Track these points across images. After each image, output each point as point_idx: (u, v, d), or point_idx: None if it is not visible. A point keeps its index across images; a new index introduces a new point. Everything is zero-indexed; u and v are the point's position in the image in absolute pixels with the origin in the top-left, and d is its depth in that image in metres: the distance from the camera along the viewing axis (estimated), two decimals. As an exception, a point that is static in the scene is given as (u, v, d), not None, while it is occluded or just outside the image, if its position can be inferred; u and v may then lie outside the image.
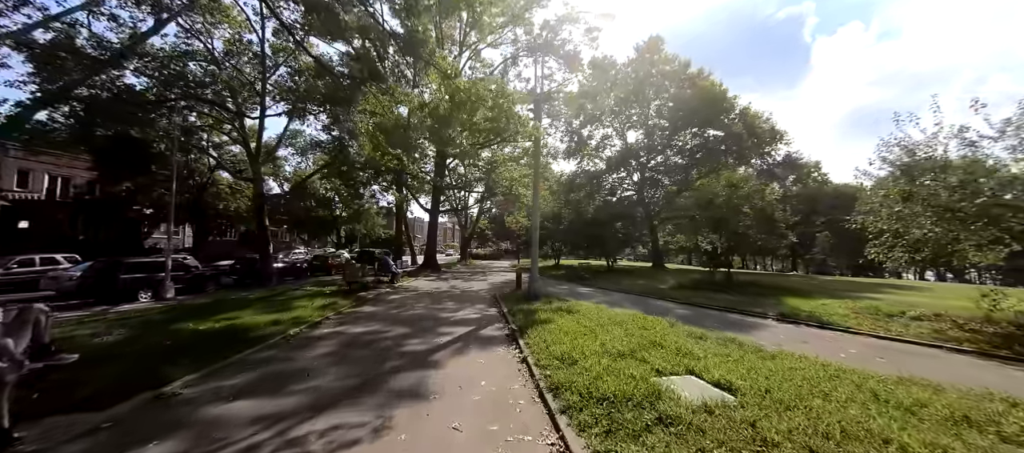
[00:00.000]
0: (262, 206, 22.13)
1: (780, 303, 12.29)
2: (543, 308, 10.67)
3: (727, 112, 30.20)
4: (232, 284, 22.58)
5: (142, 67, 17.16)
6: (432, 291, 15.67)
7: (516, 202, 34.35)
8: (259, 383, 5.28)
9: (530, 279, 13.14)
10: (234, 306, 11.22)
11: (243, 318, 9.22)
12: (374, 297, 13.50)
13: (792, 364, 5.69)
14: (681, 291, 15.15)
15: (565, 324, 8.44)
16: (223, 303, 12.22)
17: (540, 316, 9.35)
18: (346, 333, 8.27)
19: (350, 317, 10.01)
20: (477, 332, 8.52)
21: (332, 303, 11.54)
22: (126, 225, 29.77)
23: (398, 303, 12.38)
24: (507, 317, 9.99)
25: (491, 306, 12.15)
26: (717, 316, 10.73)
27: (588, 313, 9.91)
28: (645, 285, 17.69)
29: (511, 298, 13.02)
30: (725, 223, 15.67)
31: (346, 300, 12.21)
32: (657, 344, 6.69)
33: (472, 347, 7.29)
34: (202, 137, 28.13)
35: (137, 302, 14.86)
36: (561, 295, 14.28)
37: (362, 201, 36.27)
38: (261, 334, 7.81)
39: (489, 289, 16.66)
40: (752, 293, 14.65)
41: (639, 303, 13.12)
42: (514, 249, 57.10)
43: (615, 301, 13.51)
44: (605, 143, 36.23)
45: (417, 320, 9.71)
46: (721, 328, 8.98)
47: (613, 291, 16.38)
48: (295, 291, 14.71)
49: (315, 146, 19.92)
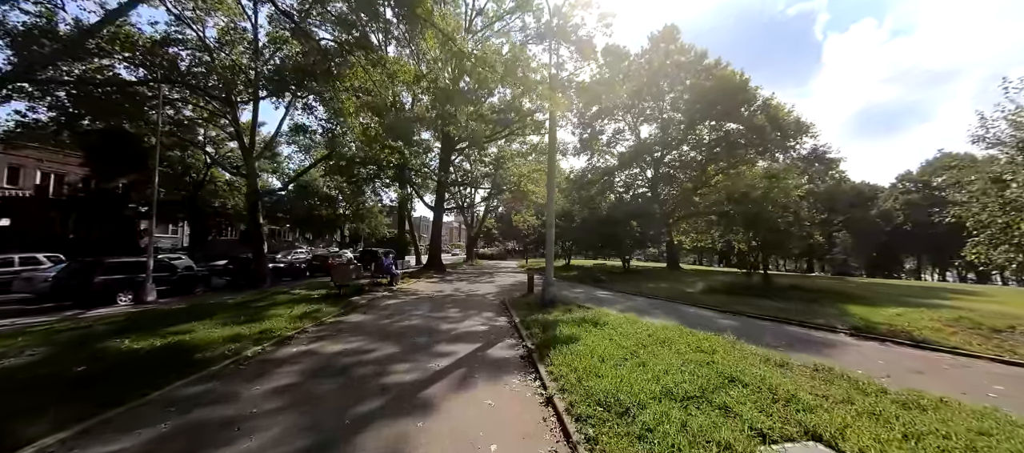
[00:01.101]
0: (256, 203, 20.47)
1: (842, 312, 10.25)
2: (562, 318, 8.77)
3: (748, 103, 28.00)
4: (224, 285, 20.98)
5: (130, 56, 15.50)
6: (434, 295, 13.84)
7: (524, 200, 32.49)
8: (153, 451, 3.45)
9: (545, 282, 11.24)
10: (201, 314, 9.47)
11: (200, 331, 7.44)
12: (367, 303, 11.69)
13: (961, 421, 3.72)
14: (714, 296, 13.15)
15: (596, 342, 6.53)
16: (194, 309, 10.50)
17: (562, 330, 7.44)
18: (318, 353, 6.44)
19: (331, 330, 8.19)
20: (484, 352, 6.64)
21: (315, 310, 9.74)
22: (121, 224, 28.37)
23: (393, 310, 10.55)
24: (520, 330, 8.10)
25: (500, 314, 10.27)
26: (774, 329, 8.73)
27: (619, 326, 7.99)
28: (669, 289, 15.69)
29: (523, 305, 11.13)
30: (762, 219, 13.65)
31: (334, 306, 10.41)
32: (733, 379, 4.75)
33: (478, 376, 5.41)
34: (199, 132, 26.68)
35: (115, 305, 13.44)
36: (579, 300, 12.37)
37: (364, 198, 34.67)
38: (208, 355, 6.00)
39: (497, 293, 14.79)
40: (797, 298, 12.61)
41: (671, 311, 11.15)
42: (521, 249, 55.19)
43: (642, 308, 11.55)
44: (617, 138, 34.21)
45: (411, 334, 7.85)
46: (790, 347, 7.01)
47: (635, 295, 14.42)
48: (282, 295, 12.96)
49: (299, 130, 18.07)
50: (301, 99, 12.82)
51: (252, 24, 18.08)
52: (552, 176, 11.59)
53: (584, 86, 22.87)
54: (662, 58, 31.62)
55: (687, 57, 31.86)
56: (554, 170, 11.63)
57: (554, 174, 11.64)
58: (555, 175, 11.67)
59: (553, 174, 11.60)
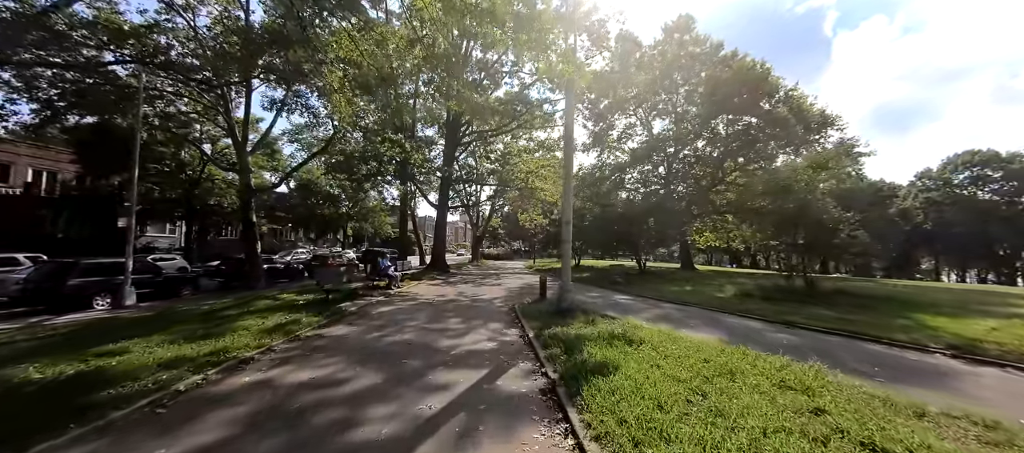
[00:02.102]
0: (249, 200, 19.04)
1: (919, 324, 8.48)
2: (586, 332, 7.10)
3: (770, 94, 26.08)
4: (216, 287, 19.57)
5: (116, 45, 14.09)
6: (435, 300, 12.22)
7: (531, 198, 30.78)
8: None
9: (561, 287, 9.56)
10: (163, 324, 7.97)
11: (136, 351, 5.87)
12: (357, 310, 10.08)
13: None
14: (753, 303, 11.38)
15: (640, 371, 4.86)
16: (160, 318, 9.06)
17: (591, 350, 5.77)
18: (275, 386, 4.83)
19: (303, 348, 6.58)
20: (492, 384, 4.99)
21: (293, 322, 8.15)
22: (115, 222, 27.12)
23: (386, 320, 8.94)
24: (536, 348, 6.45)
25: (510, 326, 8.62)
26: (851, 348, 6.99)
27: (661, 344, 6.31)
28: (696, 293, 13.94)
29: (536, 313, 9.47)
30: (808, 215, 11.86)
31: (316, 316, 8.81)
32: (874, 449, 3.06)
33: (484, 427, 3.76)
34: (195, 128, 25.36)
35: (90, 310, 12.15)
36: (598, 307, 10.69)
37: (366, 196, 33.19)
38: (125, 391, 4.42)
39: (505, 297, 13.14)
40: (848, 305, 10.82)
41: (710, 322, 9.43)
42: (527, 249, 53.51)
43: (675, 318, 9.84)
44: (629, 132, 32.41)
45: (401, 354, 6.23)
46: (893, 377, 5.29)
47: (661, 301, 12.69)
48: (265, 299, 11.41)
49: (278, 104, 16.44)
50: (283, 84, 11.21)
51: (244, 10, 16.59)
52: (569, 166, 9.91)
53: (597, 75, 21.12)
54: (676, 49, 29.78)
55: (702, 48, 30.01)
56: (571, 159, 9.96)
57: (571, 164, 9.97)
58: (572, 165, 10.00)
59: (570, 163, 9.92)
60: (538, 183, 25.31)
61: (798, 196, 11.95)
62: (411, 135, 23.03)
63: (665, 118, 32.48)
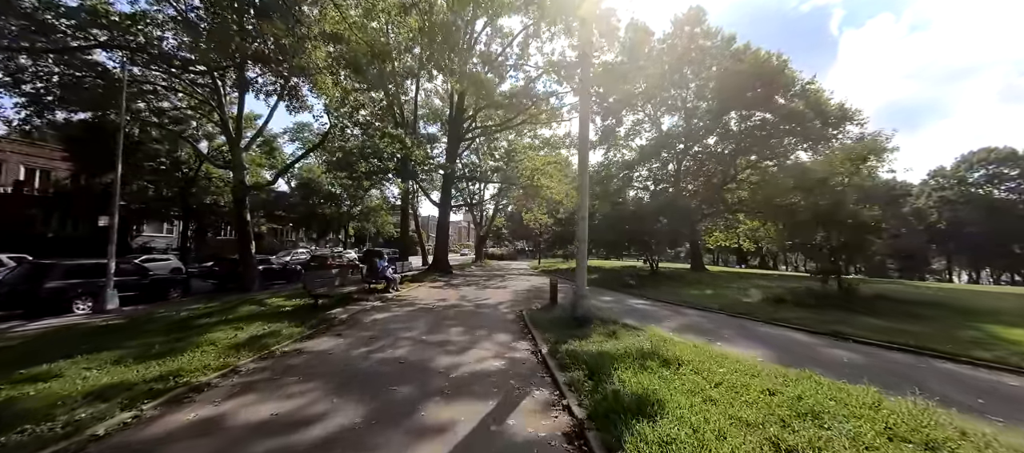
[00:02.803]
0: (243, 198, 18.00)
1: (992, 337, 7.27)
2: (609, 347, 5.98)
3: (786, 88, 24.79)
4: (210, 289, 18.58)
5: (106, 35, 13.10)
6: (435, 305, 11.11)
7: (536, 196, 29.67)
8: None
9: (576, 292, 8.41)
10: (120, 336, 6.93)
11: (70, 374, 4.79)
12: (348, 318, 8.99)
13: None
14: (788, 310, 10.18)
15: (690, 408, 3.72)
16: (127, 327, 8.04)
17: (623, 376, 4.63)
18: (225, 426, 3.73)
19: (274, 369, 5.48)
20: (503, 426, 3.85)
21: (271, 333, 7.06)
22: (113, 222, 26.22)
23: (378, 331, 7.83)
24: (553, 370, 5.32)
25: (519, 337, 7.49)
26: (927, 369, 5.81)
27: (702, 365, 5.17)
28: (718, 297, 12.76)
29: (547, 321, 8.34)
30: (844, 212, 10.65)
31: (298, 326, 7.71)
32: None
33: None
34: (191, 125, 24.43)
35: (70, 314, 11.25)
36: (614, 314, 9.54)
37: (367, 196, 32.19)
38: (26, 436, 3.35)
39: (512, 302, 12.01)
40: (898, 314, 9.61)
41: (745, 332, 8.26)
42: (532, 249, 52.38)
43: (703, 327, 8.69)
44: (637, 129, 31.19)
45: (391, 379, 5.12)
46: (1007, 410, 4.12)
47: (681, 306, 11.52)
48: (249, 304, 10.36)
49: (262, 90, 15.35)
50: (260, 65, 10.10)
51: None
52: (584, 156, 8.75)
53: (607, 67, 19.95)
54: (686, 43, 28.52)
55: (713, 42, 28.73)
56: (587, 148, 8.80)
57: (587, 153, 8.81)
58: (588, 155, 8.85)
59: (586, 153, 8.76)
60: (544, 181, 24.18)
61: (835, 192, 10.75)
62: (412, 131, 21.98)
63: (674, 114, 31.25)
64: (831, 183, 10.83)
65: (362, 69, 6.77)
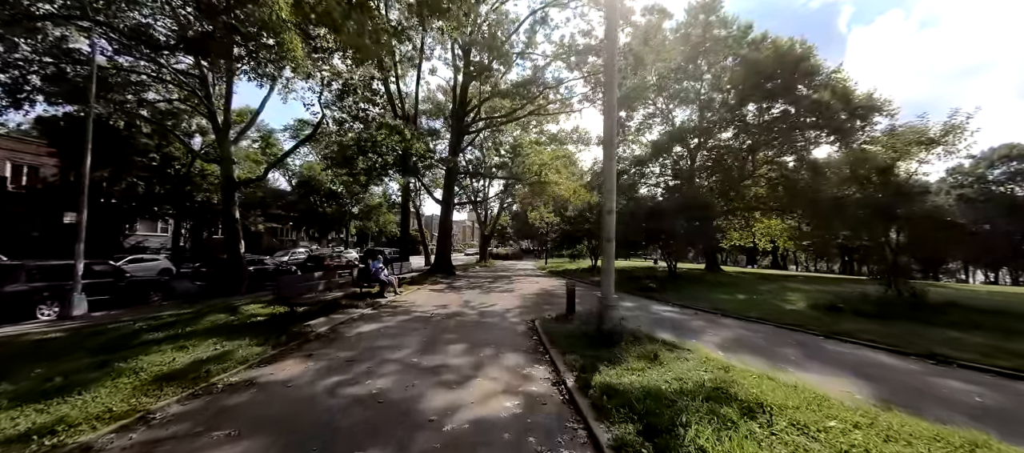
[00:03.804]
0: (231, 194, 16.60)
1: None
2: (655, 376, 4.39)
3: (810, 76, 22.98)
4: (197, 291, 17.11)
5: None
6: (434, 313, 9.56)
7: (542, 194, 28.06)
8: None
9: (602, 302, 6.76)
10: (39, 356, 5.47)
11: None
12: (328, 331, 7.44)
13: None
14: (850, 321, 8.51)
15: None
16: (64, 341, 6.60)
17: (700, 440, 3.05)
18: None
19: (203, 413, 3.94)
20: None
21: (220, 356, 5.53)
22: (104, 220, 24.95)
23: (360, 351, 6.28)
24: (587, 417, 3.74)
25: (534, 359, 5.91)
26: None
27: (802, 411, 3.56)
28: (756, 304, 11.10)
29: (567, 337, 6.76)
30: (911, 205, 8.98)
31: (260, 345, 6.16)
32: None
33: None
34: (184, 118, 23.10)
35: (35, 320, 10.06)
36: (642, 323, 7.96)
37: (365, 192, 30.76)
38: None
39: (521, 309, 10.43)
40: (977, 325, 7.93)
41: (812, 351, 6.63)
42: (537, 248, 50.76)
43: (756, 345, 7.06)
44: (649, 123, 29.52)
45: (358, 433, 3.55)
46: None
47: (717, 315, 9.88)
48: (216, 313, 8.86)
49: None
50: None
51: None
52: (611, 135, 7.15)
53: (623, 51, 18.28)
54: (701, 32, 26.82)
55: (729, 31, 26.99)
56: (614, 128, 7.20)
57: (614, 133, 7.20)
58: (615, 134, 7.23)
59: (613, 133, 7.16)
60: (552, 176, 22.58)
61: (900, 182, 9.08)
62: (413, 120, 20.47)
63: (687, 108, 29.51)
64: (896, 171, 9.18)
65: (339, 25, 5.34)
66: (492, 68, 20.15)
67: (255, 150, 26.21)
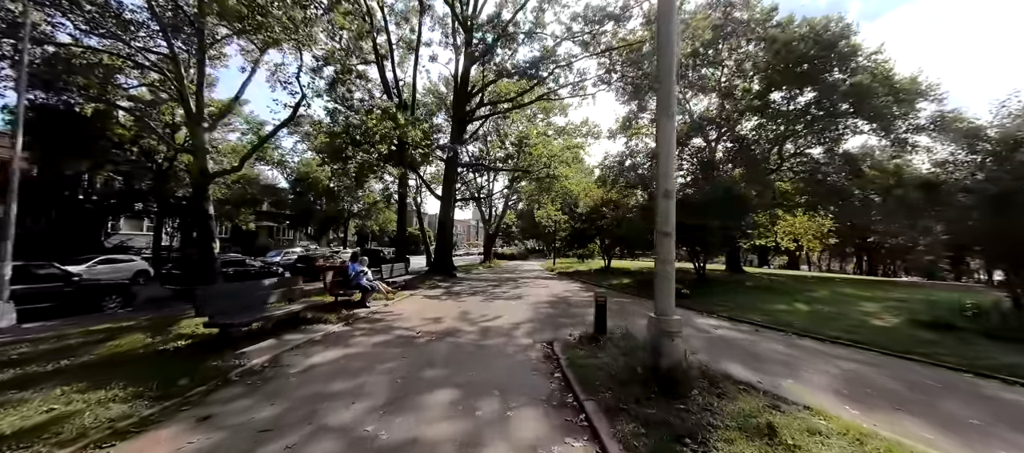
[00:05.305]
0: (204, 187, 14.51)
1: None
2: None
3: (846, 59, 20.52)
4: (169, 295, 15.03)
5: None
6: (421, 331, 7.32)
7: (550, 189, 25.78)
8: None
9: (656, 325, 4.43)
10: None
11: None
12: (264, 365, 5.24)
13: None
14: (986, 344, 6.20)
15: None
16: None
17: None
18: None
19: None
20: None
21: (64, 418, 3.35)
22: (82, 217, 23.03)
23: (294, 405, 4.06)
24: None
25: (561, 423, 3.63)
26: None
27: None
28: (824, 317, 8.77)
29: (603, 374, 4.48)
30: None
31: (148, 397, 3.98)
32: None
33: None
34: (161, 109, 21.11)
35: None
36: (695, 346, 5.67)
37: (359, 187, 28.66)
38: None
39: (532, 322, 8.18)
40: None
41: (977, 401, 4.31)
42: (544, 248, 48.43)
43: (880, 386, 4.75)
44: (665, 113, 27.09)
45: None
46: None
47: (790, 334, 7.56)
48: (130, 334, 6.70)
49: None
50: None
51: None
52: (669, 93, 4.89)
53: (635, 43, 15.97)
54: (722, 15, 24.40)
55: (751, 13, 24.57)
56: (672, 83, 4.92)
57: (672, 91, 4.93)
58: (673, 93, 4.91)
59: (671, 91, 4.89)
60: (562, 169, 20.30)
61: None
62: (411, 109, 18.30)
63: (706, 96, 27.10)
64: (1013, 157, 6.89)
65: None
66: (495, 49, 17.93)
67: (245, 144, 24.18)
